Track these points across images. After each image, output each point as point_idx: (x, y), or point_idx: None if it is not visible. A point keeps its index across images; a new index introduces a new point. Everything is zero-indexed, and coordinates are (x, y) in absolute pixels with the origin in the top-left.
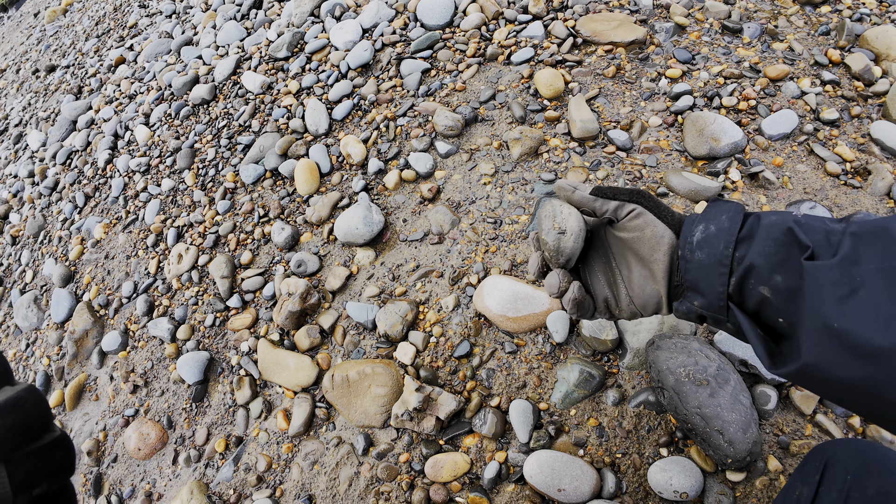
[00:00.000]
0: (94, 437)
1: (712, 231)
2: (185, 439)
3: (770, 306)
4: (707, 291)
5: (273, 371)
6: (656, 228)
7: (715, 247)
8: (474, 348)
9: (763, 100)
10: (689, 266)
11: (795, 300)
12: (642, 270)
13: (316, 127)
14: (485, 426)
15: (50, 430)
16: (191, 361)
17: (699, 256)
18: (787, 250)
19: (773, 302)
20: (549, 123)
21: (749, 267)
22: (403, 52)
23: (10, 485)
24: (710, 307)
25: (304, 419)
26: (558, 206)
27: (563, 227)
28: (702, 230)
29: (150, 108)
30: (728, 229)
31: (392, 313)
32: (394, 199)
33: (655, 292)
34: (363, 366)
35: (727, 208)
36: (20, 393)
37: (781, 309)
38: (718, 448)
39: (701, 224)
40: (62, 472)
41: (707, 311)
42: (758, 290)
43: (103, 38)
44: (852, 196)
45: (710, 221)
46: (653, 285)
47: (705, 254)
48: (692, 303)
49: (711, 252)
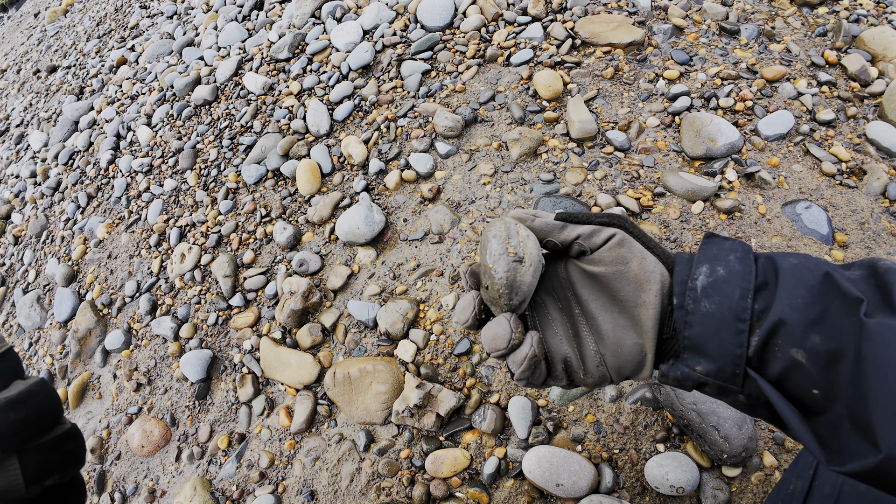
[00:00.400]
0: (97, 434)
1: (721, 275)
2: (188, 436)
3: (802, 374)
4: (717, 354)
5: (275, 369)
6: (644, 261)
7: (728, 295)
8: (474, 346)
9: (760, 100)
10: (692, 319)
11: (838, 367)
12: (619, 318)
13: (317, 127)
14: (484, 422)
15: (61, 422)
16: (194, 359)
17: (707, 307)
18: (826, 302)
19: (808, 369)
20: (548, 124)
21: (777, 323)
22: (404, 53)
23: (23, 476)
24: (720, 374)
25: (306, 416)
26: (513, 225)
27: (520, 254)
28: (706, 272)
29: (152, 108)
30: (742, 273)
31: (393, 312)
32: (394, 198)
33: (637, 349)
34: (364, 363)
35: (732, 246)
36: (32, 387)
37: (817, 378)
38: (714, 444)
39: (704, 265)
40: (73, 464)
41: (715, 378)
42: (787, 354)
43: (104, 39)
44: (848, 196)
45: (716, 262)
46: (634, 338)
47: (715, 304)
48: (692, 368)
49: (724, 302)
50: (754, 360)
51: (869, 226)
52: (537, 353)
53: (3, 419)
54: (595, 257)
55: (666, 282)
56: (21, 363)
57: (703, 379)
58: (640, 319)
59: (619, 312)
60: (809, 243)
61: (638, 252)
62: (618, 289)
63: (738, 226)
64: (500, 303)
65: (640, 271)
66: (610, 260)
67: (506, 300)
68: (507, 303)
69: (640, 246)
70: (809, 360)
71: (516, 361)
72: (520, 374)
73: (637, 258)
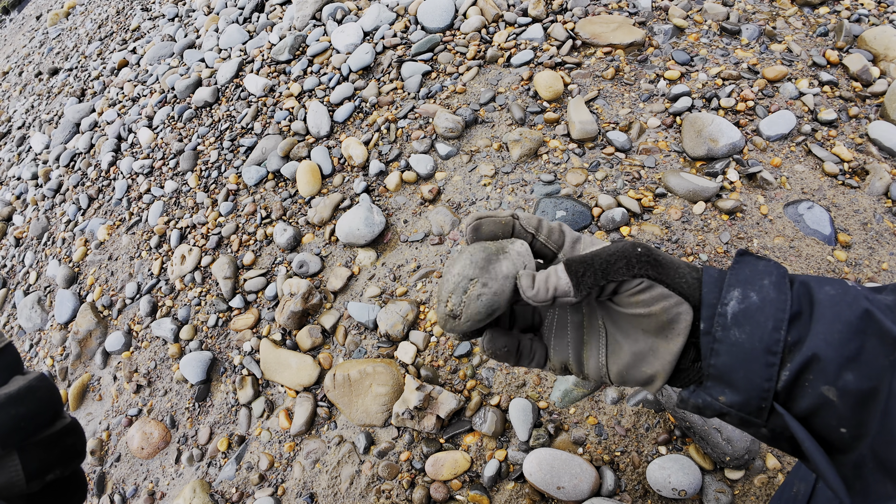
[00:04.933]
0: (97, 436)
1: (754, 302)
2: (187, 438)
3: (831, 412)
4: (743, 386)
5: (275, 371)
6: (668, 302)
7: (761, 325)
8: (474, 347)
9: (761, 101)
10: (720, 348)
11: (870, 407)
12: (640, 346)
13: (317, 129)
14: (485, 424)
15: (61, 416)
16: (194, 361)
17: (736, 336)
18: (864, 339)
19: (838, 407)
20: (549, 125)
21: (811, 359)
22: (404, 54)
23: (24, 472)
24: (744, 407)
25: (305, 418)
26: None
27: (455, 312)
28: (738, 298)
29: (153, 110)
30: (777, 302)
31: (393, 313)
32: (395, 200)
33: (650, 376)
34: (364, 365)
35: (766, 269)
36: (32, 382)
37: (846, 417)
38: (717, 446)
39: (736, 289)
40: (74, 458)
41: (738, 411)
42: (818, 391)
43: (106, 41)
44: (850, 196)
45: (749, 287)
46: (648, 369)
47: (746, 334)
48: (715, 397)
49: (755, 332)
50: (782, 394)
51: (872, 226)
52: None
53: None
54: (622, 299)
55: (690, 318)
56: (20, 358)
57: (725, 410)
58: (659, 352)
59: (637, 342)
60: (812, 244)
61: (661, 295)
62: (638, 325)
63: (740, 226)
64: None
65: (663, 313)
66: (635, 303)
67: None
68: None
69: (663, 289)
70: (840, 399)
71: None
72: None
73: (661, 302)
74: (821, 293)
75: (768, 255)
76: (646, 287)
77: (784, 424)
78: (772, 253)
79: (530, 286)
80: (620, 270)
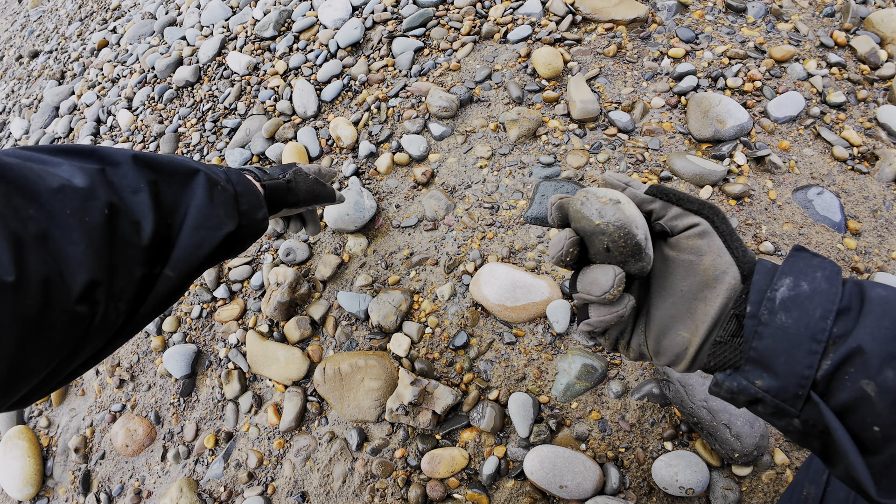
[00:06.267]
0: (81, 433)
1: (805, 290)
2: (173, 435)
3: (867, 408)
4: (783, 371)
5: (262, 364)
6: (719, 259)
7: (809, 313)
8: (471, 339)
9: (768, 81)
10: (764, 330)
11: None
12: (673, 308)
13: (304, 109)
14: (483, 420)
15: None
16: (177, 355)
17: (783, 320)
18: None
19: (876, 404)
20: (548, 104)
21: (854, 350)
22: (395, 30)
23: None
24: (780, 393)
25: (295, 414)
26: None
27: (614, 198)
28: (789, 285)
29: (132, 91)
30: (828, 293)
31: (385, 303)
32: (386, 183)
33: (681, 342)
34: (356, 358)
35: (821, 264)
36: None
37: (882, 415)
38: (725, 442)
39: (788, 277)
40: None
41: (774, 397)
42: (857, 385)
43: (86, 22)
44: (860, 182)
45: (801, 277)
46: (683, 331)
47: (793, 319)
48: (752, 381)
49: (802, 318)
50: (820, 385)
51: (881, 213)
52: (624, 317)
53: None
54: (672, 241)
55: (736, 286)
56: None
57: (760, 395)
58: (695, 314)
59: (675, 302)
60: (822, 231)
61: (716, 248)
62: (682, 278)
63: (748, 212)
64: (626, 249)
65: (711, 268)
66: (686, 247)
67: (629, 240)
68: (633, 244)
69: (721, 243)
70: (879, 395)
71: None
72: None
73: (713, 254)
74: (872, 292)
75: (777, 242)
76: (704, 232)
77: (818, 417)
78: (781, 240)
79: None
80: (694, 202)
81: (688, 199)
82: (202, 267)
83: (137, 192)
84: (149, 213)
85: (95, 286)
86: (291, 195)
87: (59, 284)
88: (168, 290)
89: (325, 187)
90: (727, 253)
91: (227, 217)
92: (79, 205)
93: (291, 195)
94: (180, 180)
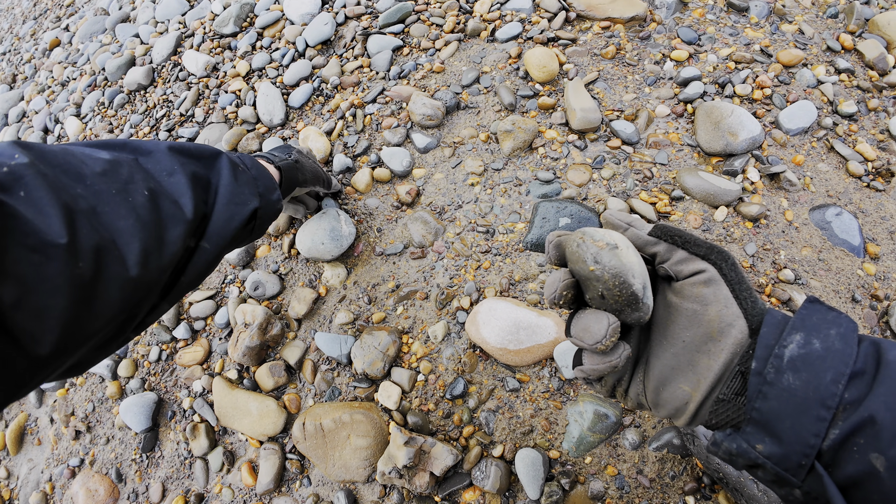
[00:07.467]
0: (41, 488)
1: (816, 349)
2: (138, 495)
3: (875, 485)
4: (787, 437)
5: (232, 417)
6: (726, 310)
7: (819, 375)
8: (470, 386)
9: (777, 88)
10: (769, 391)
11: None
12: (678, 358)
13: (270, 116)
14: (487, 480)
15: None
16: (135, 406)
17: (790, 382)
18: None
19: (884, 481)
20: (544, 112)
21: (866, 420)
22: (370, 26)
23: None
24: (783, 461)
25: (273, 474)
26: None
27: (611, 243)
28: (800, 342)
29: (81, 96)
30: (841, 353)
31: (370, 347)
32: (365, 203)
33: (683, 395)
34: (339, 412)
35: (836, 319)
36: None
37: (890, 494)
38: (752, 498)
39: (799, 333)
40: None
41: (776, 464)
42: (866, 458)
43: (40, 20)
44: (876, 201)
45: (813, 333)
46: (684, 384)
47: (801, 380)
48: (753, 445)
49: (812, 381)
50: (826, 455)
51: None
52: (619, 368)
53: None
54: (676, 286)
55: (743, 340)
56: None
57: (761, 461)
58: (697, 368)
59: (676, 353)
60: (841, 255)
61: (722, 298)
62: (685, 328)
63: (766, 235)
64: (621, 298)
65: (716, 319)
66: (690, 295)
67: (625, 290)
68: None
69: (728, 293)
70: (888, 471)
71: (594, 366)
72: (590, 373)
73: (719, 304)
74: (890, 354)
75: (797, 269)
76: (711, 280)
77: (821, 490)
78: (801, 267)
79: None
80: (701, 246)
81: (695, 241)
82: (233, 241)
83: (172, 174)
84: (186, 191)
85: (148, 255)
86: (300, 174)
87: (113, 252)
88: (205, 263)
89: (321, 166)
90: (734, 304)
91: (251, 195)
92: (122, 187)
93: (300, 174)
94: (207, 163)
